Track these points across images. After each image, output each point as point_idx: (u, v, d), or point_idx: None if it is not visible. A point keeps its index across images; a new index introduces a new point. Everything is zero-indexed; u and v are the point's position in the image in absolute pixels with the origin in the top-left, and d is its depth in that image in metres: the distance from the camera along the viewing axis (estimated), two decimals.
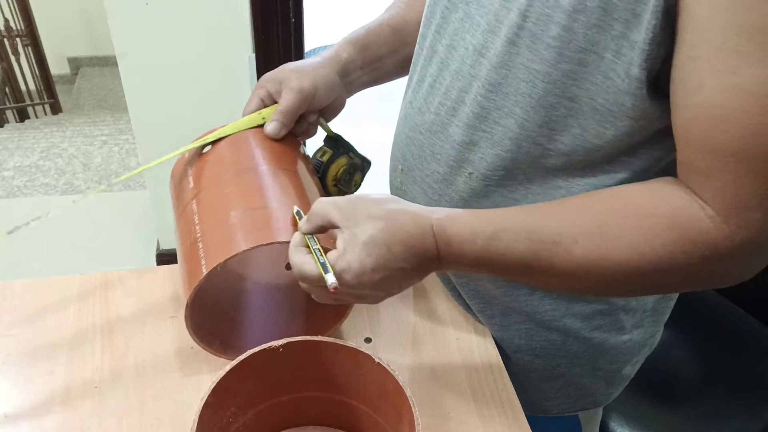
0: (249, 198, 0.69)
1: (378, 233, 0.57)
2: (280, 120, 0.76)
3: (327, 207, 0.60)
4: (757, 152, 0.49)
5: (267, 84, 0.78)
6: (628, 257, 0.55)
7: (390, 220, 0.57)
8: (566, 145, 0.61)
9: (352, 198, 0.60)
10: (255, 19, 1.69)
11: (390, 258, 0.57)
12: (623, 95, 0.56)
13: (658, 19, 0.51)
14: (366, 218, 0.58)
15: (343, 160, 0.84)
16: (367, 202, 0.59)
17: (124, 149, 2.97)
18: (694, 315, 1.24)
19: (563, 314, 0.74)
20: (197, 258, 0.66)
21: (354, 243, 0.57)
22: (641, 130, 0.59)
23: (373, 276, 0.57)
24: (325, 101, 0.79)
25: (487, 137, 0.65)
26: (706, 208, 0.53)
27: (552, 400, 0.82)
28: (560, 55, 0.57)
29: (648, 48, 0.52)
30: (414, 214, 0.58)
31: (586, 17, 0.54)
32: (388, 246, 0.56)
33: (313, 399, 0.68)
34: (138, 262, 2.20)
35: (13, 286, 0.83)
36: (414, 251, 0.57)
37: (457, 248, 0.58)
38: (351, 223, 0.58)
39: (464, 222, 0.58)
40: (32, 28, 3.61)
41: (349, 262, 0.57)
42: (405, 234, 0.57)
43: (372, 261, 0.56)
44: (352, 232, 0.57)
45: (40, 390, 0.72)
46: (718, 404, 1.11)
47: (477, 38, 0.63)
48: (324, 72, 0.78)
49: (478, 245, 0.58)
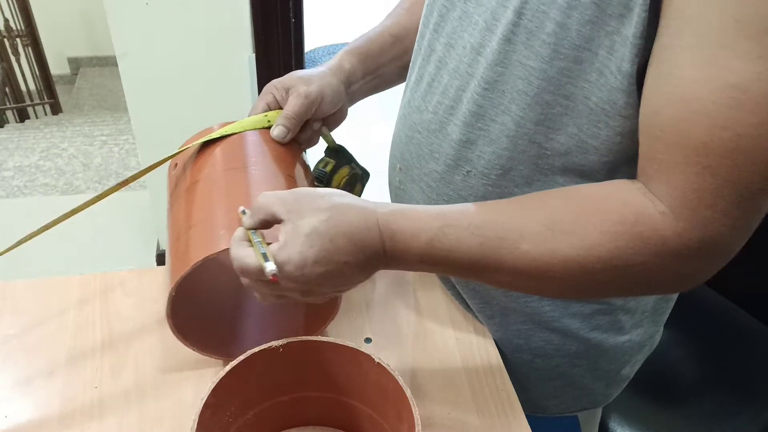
0: (240, 198, 0.69)
1: (321, 225, 0.55)
2: (285, 124, 0.76)
3: (271, 200, 0.59)
4: (720, 147, 0.48)
5: (274, 90, 0.79)
6: (576, 253, 0.54)
7: (334, 212, 0.56)
8: (563, 144, 0.61)
9: (297, 191, 0.60)
10: (255, 19, 1.70)
11: (333, 251, 0.55)
12: (616, 93, 0.56)
13: (646, 11, 0.50)
14: (310, 211, 0.56)
15: (345, 170, 0.84)
16: (312, 196, 0.58)
17: (124, 149, 2.97)
18: (694, 315, 1.24)
19: (562, 314, 0.74)
20: (182, 253, 0.66)
21: (296, 235, 0.56)
22: (635, 130, 0.58)
23: (315, 269, 0.56)
24: (330, 109, 0.80)
25: (484, 135, 0.65)
26: (657, 204, 0.52)
27: (551, 400, 0.82)
28: (555, 52, 0.57)
29: (638, 42, 0.52)
30: (360, 208, 0.58)
31: (580, 13, 0.54)
32: (332, 238, 0.55)
33: (313, 399, 0.68)
34: (138, 263, 2.20)
35: (13, 286, 0.83)
36: (358, 245, 0.56)
37: (402, 244, 0.57)
38: (294, 215, 0.57)
39: (410, 217, 0.58)
40: (32, 28, 3.61)
41: (290, 254, 0.55)
42: (349, 227, 0.56)
43: (314, 253, 0.55)
44: (294, 225, 0.56)
45: (40, 390, 0.72)
46: (718, 404, 1.11)
47: (475, 37, 0.64)
48: (330, 81, 0.79)
49: (422, 240, 0.57)
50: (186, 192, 0.72)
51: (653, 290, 0.61)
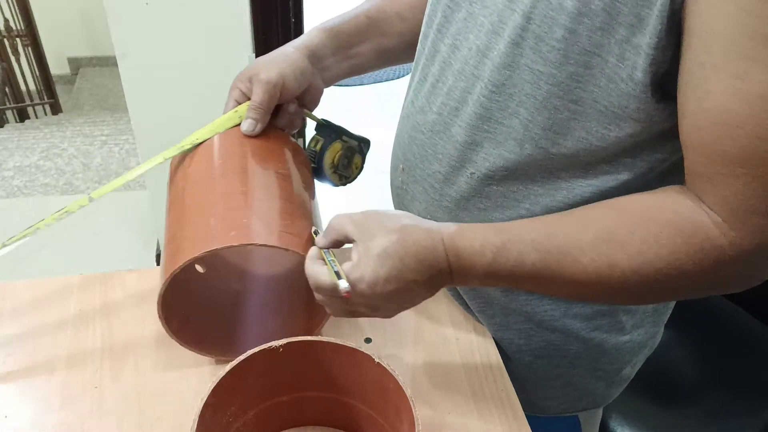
0: (230, 199, 0.69)
1: (391, 246, 0.58)
2: (253, 117, 0.75)
3: (343, 221, 0.62)
4: (761, 157, 0.49)
5: (239, 83, 0.78)
6: (636, 265, 0.55)
7: (403, 233, 0.59)
8: (569, 148, 0.61)
9: (369, 213, 0.62)
10: (255, 19, 1.70)
11: (402, 269, 0.58)
12: (627, 98, 0.56)
13: (663, 23, 0.51)
14: (380, 232, 0.59)
15: (337, 145, 0.83)
16: (381, 217, 0.61)
17: (124, 149, 2.97)
18: (694, 315, 1.24)
19: (563, 314, 0.74)
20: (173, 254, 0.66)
21: (368, 255, 0.59)
22: (644, 132, 0.59)
23: (386, 286, 0.59)
24: (297, 88, 0.78)
25: (490, 137, 0.65)
26: (711, 215, 0.53)
27: (551, 401, 0.82)
28: (565, 58, 0.57)
29: (653, 53, 0.53)
30: (426, 229, 0.60)
31: (590, 20, 0.54)
32: (401, 258, 0.58)
33: (313, 399, 0.68)
34: (138, 262, 2.20)
35: (13, 286, 0.83)
36: (425, 264, 0.59)
37: (467, 261, 0.59)
38: (366, 236, 0.60)
39: (473, 235, 0.60)
40: (32, 28, 3.60)
41: (363, 273, 0.59)
42: (417, 247, 0.59)
43: (385, 272, 0.58)
44: (366, 246, 0.59)
45: (40, 390, 0.72)
46: (718, 404, 1.11)
47: (481, 39, 0.63)
48: (292, 59, 0.77)
49: (487, 257, 0.59)
50: (176, 199, 0.72)
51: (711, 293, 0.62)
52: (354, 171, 0.86)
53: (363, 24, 0.83)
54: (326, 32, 0.81)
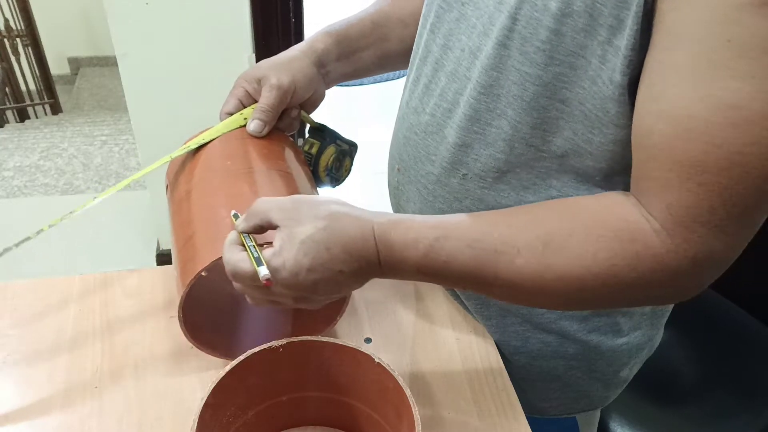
0: (238, 199, 0.68)
1: (317, 233, 0.55)
2: (261, 118, 0.75)
3: (267, 206, 0.58)
4: (715, 166, 0.47)
5: (244, 83, 0.78)
6: (571, 269, 0.54)
7: (331, 221, 0.56)
8: (559, 147, 0.61)
9: (297, 198, 0.59)
10: (255, 19, 1.70)
11: (328, 259, 0.55)
12: (608, 102, 0.55)
13: (638, 24, 0.50)
14: (307, 218, 0.56)
15: (331, 149, 0.84)
16: (310, 203, 0.58)
17: (124, 149, 2.97)
18: (694, 315, 1.25)
19: (560, 316, 0.74)
20: (190, 258, 0.66)
21: (291, 241, 0.55)
22: (628, 142, 0.57)
23: (309, 276, 0.56)
24: (305, 94, 0.79)
25: (480, 139, 0.65)
26: (652, 222, 0.52)
27: (549, 402, 0.82)
28: (550, 59, 0.56)
29: (630, 54, 0.52)
30: (357, 218, 0.57)
31: (573, 21, 0.54)
32: (328, 247, 0.55)
33: (313, 399, 0.68)
34: (138, 262, 2.20)
35: (13, 286, 0.83)
36: (354, 255, 0.56)
37: (399, 254, 0.57)
38: (291, 222, 0.56)
39: (407, 228, 0.57)
40: (32, 28, 3.60)
41: (285, 260, 0.55)
42: (345, 236, 0.56)
43: (309, 260, 0.55)
44: (290, 231, 0.56)
45: (40, 390, 0.72)
46: (718, 404, 1.11)
47: (473, 40, 0.63)
48: (301, 65, 0.78)
49: (419, 251, 0.57)
50: (182, 201, 0.72)
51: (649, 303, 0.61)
52: (344, 173, 0.88)
53: (367, 29, 0.84)
54: (332, 37, 0.81)
